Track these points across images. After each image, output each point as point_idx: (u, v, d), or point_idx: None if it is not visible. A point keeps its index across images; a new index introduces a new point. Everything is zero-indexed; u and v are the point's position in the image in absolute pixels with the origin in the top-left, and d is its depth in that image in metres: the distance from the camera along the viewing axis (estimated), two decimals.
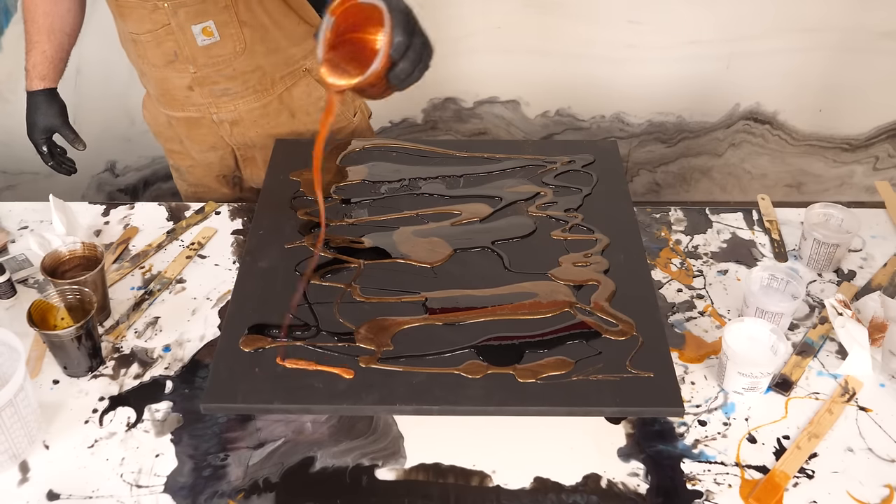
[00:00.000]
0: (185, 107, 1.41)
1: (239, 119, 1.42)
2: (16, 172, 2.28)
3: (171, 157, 1.56)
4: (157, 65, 1.35)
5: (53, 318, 1.12)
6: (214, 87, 1.37)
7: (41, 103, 1.40)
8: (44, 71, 1.39)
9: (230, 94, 1.38)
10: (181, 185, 1.61)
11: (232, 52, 1.33)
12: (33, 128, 1.41)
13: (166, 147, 1.54)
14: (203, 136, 1.46)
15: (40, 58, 1.38)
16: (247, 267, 1.17)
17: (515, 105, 2.30)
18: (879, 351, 1.14)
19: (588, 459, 1.02)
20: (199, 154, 1.49)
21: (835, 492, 0.99)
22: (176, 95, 1.39)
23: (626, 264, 1.16)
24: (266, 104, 1.42)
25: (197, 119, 1.43)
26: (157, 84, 1.39)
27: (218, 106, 1.40)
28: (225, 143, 1.47)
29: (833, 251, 1.26)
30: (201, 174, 1.54)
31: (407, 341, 1.05)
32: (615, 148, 1.41)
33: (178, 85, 1.37)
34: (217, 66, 1.34)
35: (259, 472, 1.01)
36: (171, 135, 1.50)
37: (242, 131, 1.44)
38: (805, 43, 2.19)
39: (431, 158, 1.38)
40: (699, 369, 1.13)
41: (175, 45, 1.31)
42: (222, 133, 1.45)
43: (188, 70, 1.34)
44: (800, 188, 2.49)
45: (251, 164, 1.51)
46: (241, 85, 1.38)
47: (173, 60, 1.33)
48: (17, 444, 1.01)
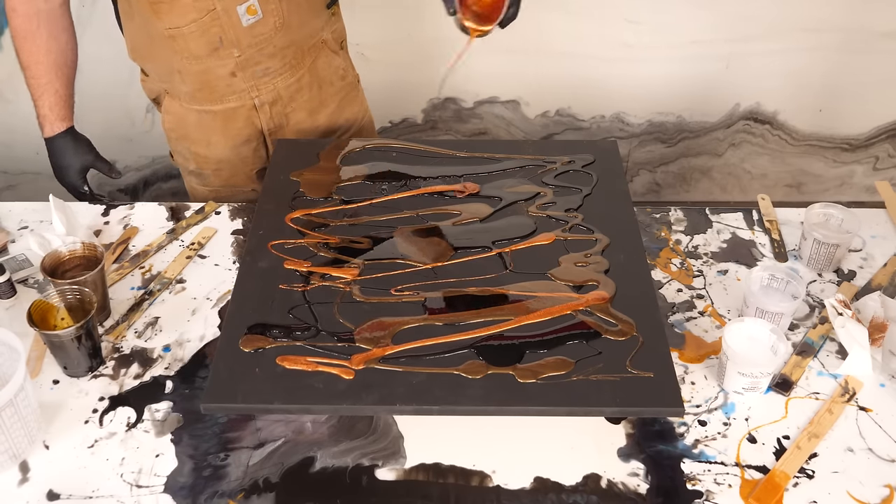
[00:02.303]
0: (225, 97, 1.42)
1: (277, 98, 1.45)
2: (16, 172, 2.28)
3: (194, 163, 1.53)
4: (199, 56, 1.35)
5: (53, 318, 1.12)
6: (256, 69, 1.39)
7: (68, 144, 1.40)
8: (62, 111, 1.39)
9: (270, 73, 1.41)
10: (199, 191, 1.57)
11: (273, 28, 1.36)
12: (68, 170, 1.41)
13: (191, 151, 1.51)
14: (239, 128, 1.47)
15: (55, 98, 1.37)
16: (247, 267, 1.17)
17: (515, 105, 2.30)
18: (879, 351, 1.14)
19: (588, 459, 1.02)
20: (231, 150, 1.49)
21: (835, 492, 0.99)
22: (217, 86, 1.40)
23: (626, 264, 1.16)
24: (299, 78, 1.46)
25: (234, 110, 1.44)
26: (196, 78, 1.39)
27: (259, 88, 1.42)
28: (258, 132, 1.48)
29: (833, 251, 1.26)
30: (229, 174, 1.53)
31: (407, 341, 1.05)
32: (615, 148, 1.41)
33: (221, 74, 1.38)
34: (259, 45, 1.37)
35: (259, 472, 1.01)
36: (198, 136, 1.48)
37: (280, 110, 1.47)
38: (805, 43, 2.19)
39: (431, 158, 1.39)
40: (699, 369, 1.13)
41: (220, 31, 1.33)
42: (261, 117, 1.46)
43: (232, 55, 1.36)
44: (800, 188, 2.49)
45: None
46: (280, 62, 1.41)
47: (217, 48, 1.35)
48: (17, 444, 1.01)
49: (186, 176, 1.58)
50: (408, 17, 2.13)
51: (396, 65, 2.20)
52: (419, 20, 2.12)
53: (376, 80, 2.22)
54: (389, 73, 2.21)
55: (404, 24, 2.14)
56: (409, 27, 2.15)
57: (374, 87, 2.23)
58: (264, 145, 1.51)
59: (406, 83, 2.25)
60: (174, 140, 1.52)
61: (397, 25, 2.13)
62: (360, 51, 2.16)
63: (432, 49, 2.18)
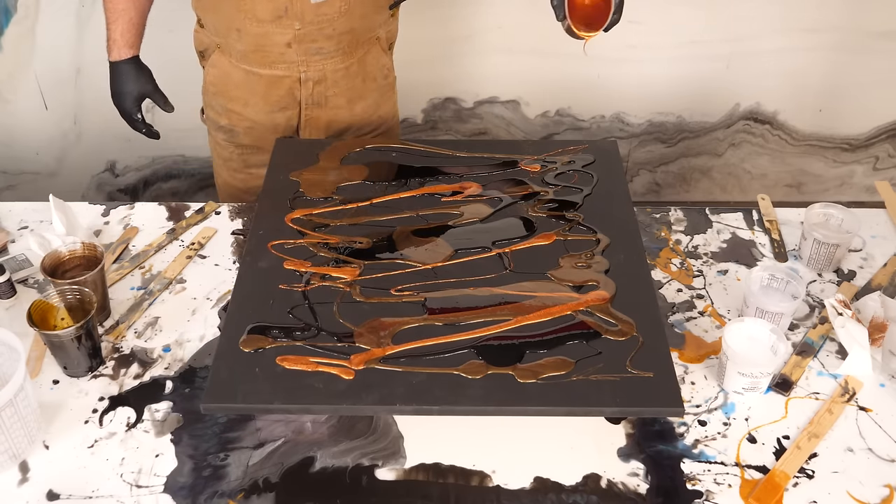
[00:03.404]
0: (275, 64, 1.45)
1: (323, 78, 1.48)
2: (16, 172, 2.28)
3: (226, 118, 1.55)
4: (262, 20, 1.38)
5: (53, 318, 1.12)
6: (311, 46, 1.42)
7: (131, 71, 1.44)
8: (132, 39, 1.43)
9: (323, 53, 1.44)
10: (225, 148, 1.59)
11: (337, 12, 1.39)
12: (126, 97, 1.46)
13: (225, 108, 1.54)
14: (280, 96, 1.49)
15: (127, 25, 1.42)
16: (247, 267, 1.17)
17: (515, 105, 2.30)
18: (879, 351, 1.14)
19: (588, 459, 1.02)
20: (266, 115, 1.52)
21: (835, 492, 0.99)
22: (270, 52, 1.43)
23: (626, 264, 1.16)
24: (349, 66, 1.49)
25: (280, 78, 1.47)
26: (253, 40, 1.42)
27: (308, 65, 1.45)
28: (296, 103, 1.51)
29: (833, 251, 1.26)
30: (259, 135, 1.55)
31: (407, 341, 1.05)
32: (615, 148, 1.41)
33: (278, 41, 1.41)
34: (320, 24, 1.39)
35: (259, 472, 1.01)
36: (238, 94, 1.51)
37: (322, 90, 1.49)
38: (805, 43, 2.19)
39: (431, 158, 1.39)
40: (699, 369, 1.13)
41: (288, 2, 1.36)
42: (302, 92, 1.49)
43: (293, 27, 1.39)
44: (800, 188, 2.49)
45: (313, 125, 1.54)
46: (335, 45, 1.44)
47: (281, 16, 1.37)
48: (17, 444, 1.01)
49: (214, 132, 1.61)
50: (408, 18, 2.13)
51: (397, 65, 2.19)
52: (419, 20, 2.12)
53: None
54: None
55: (405, 25, 2.14)
56: (410, 27, 2.15)
57: None
58: (298, 116, 1.54)
59: (406, 83, 2.24)
60: (212, 94, 1.55)
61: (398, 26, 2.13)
62: None
63: (432, 49, 2.18)
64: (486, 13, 2.12)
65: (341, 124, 1.55)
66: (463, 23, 2.13)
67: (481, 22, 2.13)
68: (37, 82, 2.09)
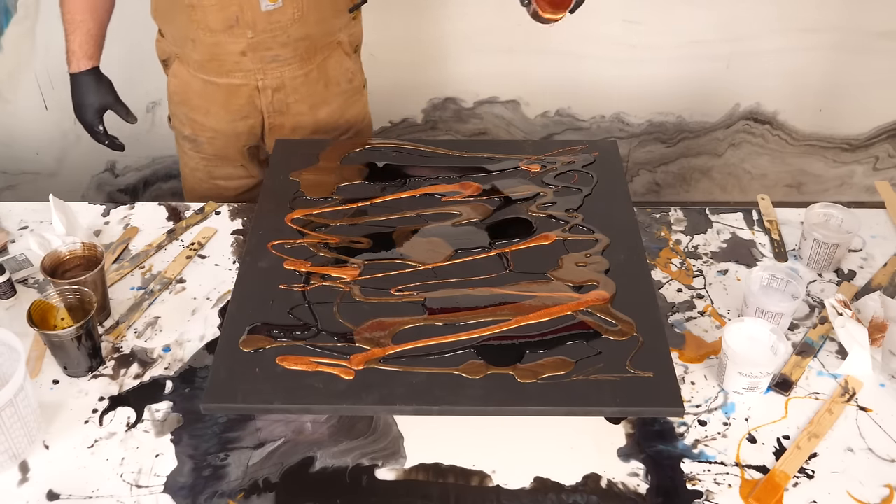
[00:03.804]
0: (232, 73, 1.44)
1: (282, 86, 1.47)
2: (16, 172, 2.28)
3: (189, 128, 1.55)
4: (214, 30, 1.37)
5: (53, 318, 1.12)
6: (266, 54, 1.41)
7: (91, 82, 1.43)
8: (90, 50, 1.42)
9: (279, 60, 1.43)
10: (192, 158, 1.59)
11: (290, 19, 1.38)
12: (87, 108, 1.44)
13: (188, 117, 1.54)
14: (240, 104, 1.49)
15: (86, 37, 1.41)
16: (247, 267, 1.17)
17: (515, 105, 2.30)
18: (879, 351, 1.14)
19: (588, 459, 1.02)
20: (228, 123, 1.51)
21: (835, 492, 0.99)
22: (225, 61, 1.42)
23: (626, 264, 1.16)
24: (308, 72, 1.47)
25: (238, 87, 1.46)
26: (208, 49, 1.41)
27: (265, 72, 1.44)
28: (258, 111, 1.50)
29: (833, 251, 1.26)
30: (222, 144, 1.55)
31: (407, 341, 1.05)
32: (615, 148, 1.41)
33: (231, 51, 1.40)
34: (274, 31, 1.38)
35: (259, 472, 1.01)
36: (200, 103, 1.51)
37: (282, 98, 1.48)
38: (805, 43, 2.19)
39: (431, 158, 1.39)
40: (699, 369, 1.13)
41: (238, 10, 1.35)
42: (262, 100, 1.48)
43: (246, 35, 1.38)
44: (800, 188, 2.49)
45: (278, 132, 1.54)
46: (291, 52, 1.43)
47: (233, 25, 1.37)
48: (17, 444, 1.01)
49: (180, 141, 1.61)
50: (408, 18, 2.13)
51: (397, 65, 2.20)
52: (420, 21, 2.12)
53: (376, 80, 2.22)
54: (390, 73, 2.21)
55: (405, 25, 2.14)
56: (410, 27, 2.15)
57: (375, 86, 2.23)
58: (261, 124, 1.53)
59: (406, 83, 2.25)
60: (175, 103, 1.55)
61: (398, 26, 2.13)
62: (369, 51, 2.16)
63: (433, 49, 2.18)
64: (487, 13, 2.11)
65: (306, 130, 1.54)
66: (463, 23, 2.13)
67: (481, 22, 2.13)
68: (37, 82, 2.09)
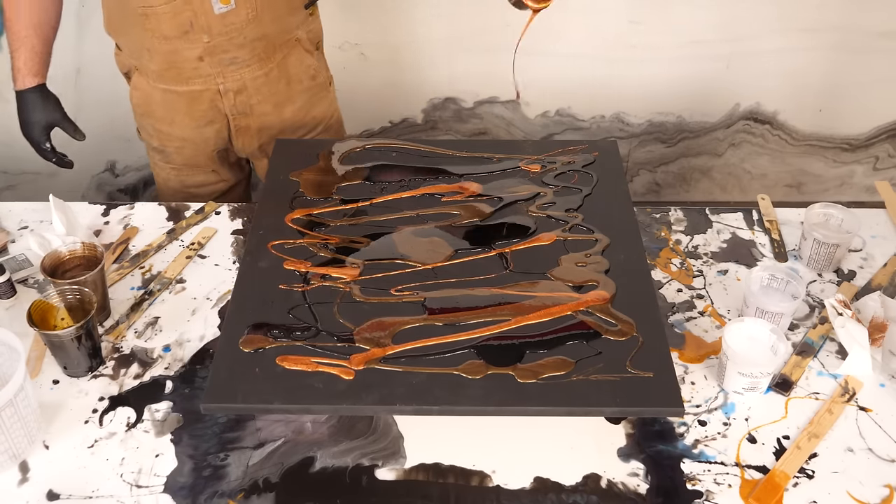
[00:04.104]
0: (191, 80, 1.43)
1: (243, 87, 1.46)
2: (16, 172, 2.28)
3: (157, 140, 1.55)
4: (169, 37, 1.37)
5: (53, 318, 1.12)
6: (224, 57, 1.41)
7: (37, 99, 1.40)
8: (35, 67, 1.40)
9: (237, 62, 1.42)
10: (162, 169, 1.60)
11: (245, 20, 1.37)
12: (33, 126, 1.42)
13: (154, 129, 1.53)
14: (203, 111, 1.48)
15: (30, 54, 1.39)
16: (247, 267, 1.17)
17: (515, 105, 2.30)
18: (879, 351, 1.14)
19: (588, 459, 1.02)
20: (193, 130, 1.51)
21: (835, 492, 0.99)
22: (184, 68, 1.41)
23: (626, 264, 1.16)
24: (268, 72, 1.47)
25: (199, 93, 1.45)
26: (165, 58, 1.40)
27: (225, 76, 1.43)
28: (222, 115, 1.50)
29: (833, 251, 1.26)
30: (191, 153, 1.55)
31: (407, 341, 1.05)
32: (615, 148, 1.41)
33: (188, 57, 1.39)
34: (230, 34, 1.38)
35: (259, 472, 1.01)
36: (163, 114, 1.50)
37: (245, 100, 1.48)
38: (805, 43, 2.19)
39: (431, 158, 1.39)
40: (699, 369, 1.13)
41: (192, 15, 1.34)
42: (224, 103, 1.47)
43: (202, 40, 1.37)
44: (800, 188, 2.49)
45: (244, 134, 1.53)
46: (249, 53, 1.42)
47: (188, 31, 1.36)
48: (17, 444, 1.01)
49: (150, 152, 1.61)
50: (408, 18, 2.13)
51: (396, 65, 2.20)
52: (420, 21, 2.12)
53: (376, 80, 2.22)
54: (389, 73, 2.21)
55: (405, 25, 2.14)
56: (410, 28, 2.15)
57: (375, 87, 2.23)
58: (227, 127, 1.52)
59: (406, 83, 2.25)
60: (140, 116, 1.54)
61: (398, 26, 2.13)
62: (361, 51, 2.16)
63: (433, 49, 2.18)
64: (487, 13, 2.11)
65: (273, 130, 1.53)
66: (462, 22, 2.13)
67: (481, 21, 2.13)
68: None
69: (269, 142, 1.53)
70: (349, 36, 2.14)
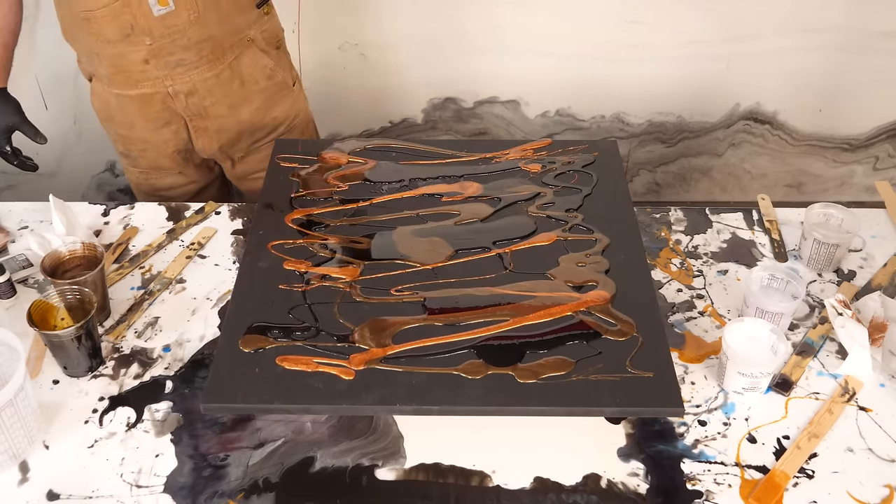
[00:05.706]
0: (139, 83, 1.43)
1: (194, 90, 1.45)
2: (16, 172, 2.28)
3: (121, 144, 1.56)
4: (112, 40, 1.36)
5: (53, 318, 1.12)
6: (170, 59, 1.39)
7: None
8: None
9: (185, 64, 1.41)
10: (132, 173, 1.60)
11: (186, 21, 1.36)
12: None
13: (117, 133, 1.54)
14: (156, 113, 1.47)
15: None
16: (247, 267, 1.17)
17: (515, 105, 2.30)
18: (879, 351, 1.14)
19: (588, 459, 1.02)
20: (152, 133, 1.50)
21: (835, 492, 0.99)
22: (131, 71, 1.41)
23: (626, 264, 1.16)
24: (218, 73, 1.45)
25: (150, 95, 1.44)
26: (111, 62, 1.40)
27: (173, 78, 1.42)
28: (178, 116, 1.49)
29: (833, 251, 1.26)
30: (154, 155, 1.54)
31: (407, 341, 1.05)
32: (615, 148, 1.41)
33: (134, 59, 1.39)
34: (172, 36, 1.37)
35: (259, 472, 1.01)
36: (121, 119, 1.50)
37: (197, 101, 1.47)
38: (805, 43, 2.19)
39: (431, 158, 1.39)
40: (699, 369, 1.13)
41: (131, 18, 1.33)
42: (177, 105, 1.46)
43: (144, 42, 1.36)
44: (800, 188, 2.49)
45: (203, 135, 1.52)
46: (196, 55, 1.41)
47: (129, 34, 1.35)
48: (17, 444, 1.01)
49: (119, 157, 1.61)
50: (408, 18, 2.13)
51: (396, 65, 2.20)
52: (419, 21, 2.12)
53: (376, 80, 2.22)
54: (389, 73, 2.21)
55: (405, 25, 2.14)
56: (410, 28, 2.15)
57: (375, 87, 2.24)
58: (186, 129, 1.51)
59: (406, 83, 2.25)
60: (103, 121, 1.55)
61: (398, 26, 2.13)
62: (361, 51, 2.16)
63: (432, 49, 2.17)
64: (487, 13, 2.12)
65: (231, 132, 1.52)
66: (463, 22, 2.13)
67: (481, 21, 2.13)
68: (37, 82, 2.09)
69: (229, 143, 1.53)
70: (349, 36, 2.14)
